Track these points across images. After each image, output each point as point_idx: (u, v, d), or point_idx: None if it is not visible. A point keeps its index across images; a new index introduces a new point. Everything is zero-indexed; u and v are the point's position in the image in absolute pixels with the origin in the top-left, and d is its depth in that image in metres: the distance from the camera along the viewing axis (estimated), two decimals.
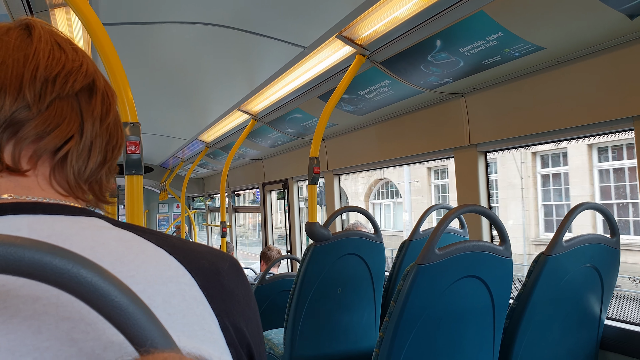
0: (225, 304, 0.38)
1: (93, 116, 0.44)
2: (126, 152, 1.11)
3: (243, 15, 1.61)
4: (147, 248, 0.37)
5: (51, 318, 0.30)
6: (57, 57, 0.42)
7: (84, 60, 0.45)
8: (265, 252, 3.55)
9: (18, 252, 0.25)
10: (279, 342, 2.07)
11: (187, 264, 0.37)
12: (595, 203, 1.40)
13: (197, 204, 7.28)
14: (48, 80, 0.41)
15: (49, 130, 0.40)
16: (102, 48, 1.09)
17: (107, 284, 0.26)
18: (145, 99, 2.71)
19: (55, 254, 0.25)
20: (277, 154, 3.78)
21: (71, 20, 1.63)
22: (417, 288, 1.09)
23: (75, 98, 0.43)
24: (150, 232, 0.40)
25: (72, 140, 0.41)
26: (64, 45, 0.44)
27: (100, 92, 0.45)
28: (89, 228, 0.37)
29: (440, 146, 2.05)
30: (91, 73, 0.45)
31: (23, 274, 0.25)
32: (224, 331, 0.37)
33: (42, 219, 0.36)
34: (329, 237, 1.76)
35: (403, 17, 1.46)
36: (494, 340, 1.24)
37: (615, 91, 1.36)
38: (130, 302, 0.27)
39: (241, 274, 0.43)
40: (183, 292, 0.35)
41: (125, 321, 0.27)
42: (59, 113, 0.41)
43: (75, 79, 0.43)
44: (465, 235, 1.95)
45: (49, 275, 0.25)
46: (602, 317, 1.44)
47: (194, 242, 0.43)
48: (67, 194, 0.42)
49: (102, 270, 0.27)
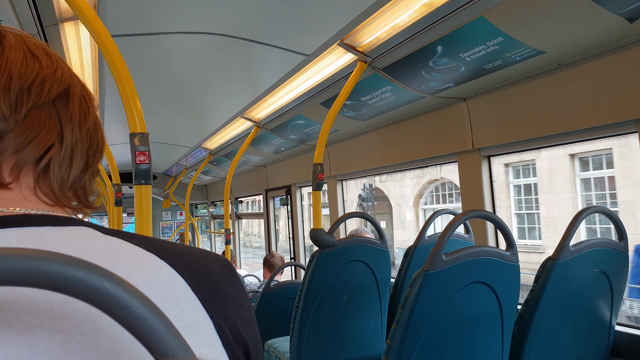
0: (219, 305, 0.38)
1: (72, 122, 0.43)
2: (135, 162, 1.11)
3: (246, 25, 1.62)
4: (137, 254, 0.37)
5: (45, 331, 0.30)
6: (31, 65, 0.41)
7: (58, 65, 0.44)
8: (268, 259, 3.53)
9: (44, 266, 0.25)
10: (285, 351, 2.06)
11: (179, 268, 0.37)
12: (602, 207, 1.39)
13: (200, 211, 7.29)
14: (23, 89, 0.40)
15: (28, 141, 0.39)
16: (112, 60, 1.10)
17: (129, 296, 0.27)
18: (149, 107, 2.73)
19: (80, 267, 0.26)
20: (280, 161, 3.79)
21: (80, 33, 1.65)
22: (425, 295, 1.09)
23: (53, 105, 0.42)
24: (140, 238, 0.39)
25: (52, 148, 0.41)
26: (37, 51, 0.43)
27: (77, 97, 0.44)
28: (78, 237, 0.37)
29: (443, 151, 2.05)
30: (67, 78, 0.44)
31: (49, 287, 0.26)
32: (219, 333, 0.36)
33: (30, 231, 0.36)
34: (334, 243, 1.75)
35: (404, 24, 1.47)
36: (502, 347, 1.23)
37: (617, 94, 1.36)
38: (151, 314, 0.27)
39: (234, 275, 0.42)
40: (176, 296, 0.35)
41: (147, 332, 0.27)
42: (37, 122, 0.40)
43: (51, 85, 0.42)
44: (471, 241, 1.95)
45: (74, 288, 0.26)
46: (612, 323, 1.42)
47: (186, 245, 0.43)
48: (53, 203, 0.41)
49: (124, 283, 0.27)
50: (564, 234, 1.28)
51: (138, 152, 1.12)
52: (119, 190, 2.36)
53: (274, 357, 2.11)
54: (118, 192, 2.35)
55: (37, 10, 1.38)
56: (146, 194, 1.16)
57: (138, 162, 1.12)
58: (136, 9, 1.51)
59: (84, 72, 2.00)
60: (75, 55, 1.79)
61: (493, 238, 1.92)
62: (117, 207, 2.28)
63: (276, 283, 2.55)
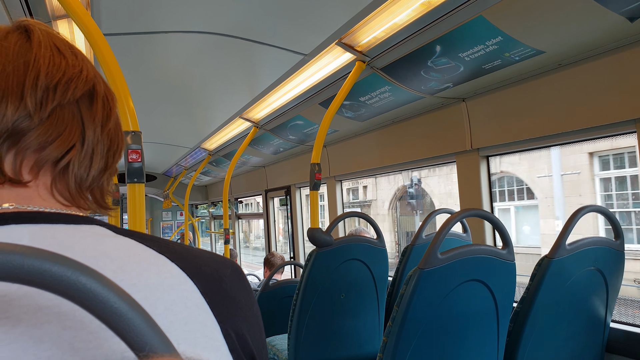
0: (228, 310, 0.38)
1: (94, 123, 0.43)
2: (127, 160, 1.12)
3: (244, 24, 1.62)
4: (148, 256, 0.37)
5: (53, 327, 0.30)
6: (58, 63, 0.41)
7: (84, 65, 0.44)
8: (268, 259, 3.55)
9: (18, 260, 0.25)
10: (283, 348, 2.06)
11: (189, 271, 0.37)
12: (599, 206, 1.40)
13: (200, 211, 7.29)
14: (49, 88, 0.40)
15: (51, 140, 0.39)
16: (104, 58, 1.11)
17: (106, 290, 0.27)
18: (148, 108, 2.73)
19: (54, 261, 0.26)
20: (279, 161, 3.79)
21: (73, 31, 1.65)
22: (420, 292, 1.09)
23: (76, 105, 0.42)
24: (152, 239, 0.39)
25: (73, 149, 0.41)
26: (64, 49, 0.43)
27: (100, 98, 0.44)
28: (91, 236, 0.37)
29: (442, 151, 2.05)
30: (91, 78, 0.44)
31: (24, 281, 0.25)
32: (226, 338, 0.36)
33: (43, 228, 0.36)
34: (331, 242, 1.76)
35: (402, 23, 1.47)
36: (498, 344, 1.24)
37: (616, 94, 1.36)
38: (129, 308, 0.27)
39: (243, 280, 0.42)
40: (185, 299, 0.35)
41: (124, 326, 0.27)
42: (61, 121, 0.40)
43: (76, 85, 0.42)
44: (468, 240, 1.95)
45: (49, 282, 0.26)
46: (607, 320, 1.43)
47: (196, 248, 0.43)
48: (69, 203, 0.41)
49: (100, 277, 0.27)
50: (560, 233, 1.28)
51: (130, 151, 1.12)
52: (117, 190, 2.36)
53: (272, 354, 2.12)
54: (116, 192, 2.36)
55: (29, 8, 1.38)
56: (139, 192, 1.16)
57: (130, 160, 1.12)
58: (133, 8, 1.51)
59: None
60: None
61: (491, 237, 1.92)
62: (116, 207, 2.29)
63: (275, 282, 2.55)
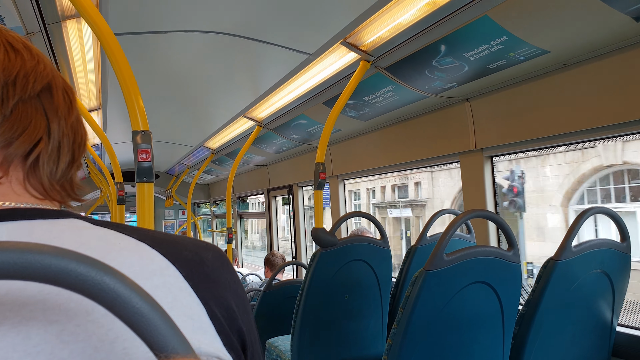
0: (211, 292, 0.38)
1: (58, 115, 0.43)
2: (137, 160, 1.12)
3: (248, 24, 1.62)
4: (129, 244, 0.37)
5: (39, 323, 0.30)
6: (13, 58, 0.41)
7: (39, 59, 0.44)
8: (269, 258, 3.55)
9: (46, 260, 0.25)
10: (285, 349, 2.06)
11: (170, 256, 0.38)
12: (605, 207, 1.39)
13: (202, 210, 7.30)
14: (8, 83, 0.40)
15: (17, 135, 0.39)
16: (114, 57, 1.11)
17: (128, 291, 0.27)
18: (151, 106, 2.73)
19: (80, 261, 0.26)
20: (282, 160, 3.79)
21: (82, 31, 1.65)
22: (426, 294, 1.09)
23: (38, 99, 0.42)
24: (130, 229, 0.40)
25: (41, 142, 0.41)
26: (17, 45, 0.43)
27: (60, 90, 0.44)
28: (69, 230, 0.37)
29: (446, 151, 2.04)
30: (48, 72, 0.44)
31: (49, 281, 0.26)
32: (212, 319, 0.37)
33: (20, 225, 0.36)
34: (336, 242, 1.75)
35: (407, 22, 1.46)
36: (503, 347, 1.23)
37: (622, 94, 1.35)
38: (151, 309, 0.27)
39: (225, 263, 0.43)
40: (168, 284, 0.35)
41: (146, 327, 0.27)
42: (25, 116, 0.40)
43: (35, 79, 0.42)
44: (473, 241, 1.94)
45: (74, 282, 0.26)
46: (613, 324, 1.42)
47: (177, 234, 0.43)
48: (43, 197, 0.42)
49: (124, 278, 0.27)
50: (566, 235, 1.27)
51: (140, 150, 1.12)
52: (121, 188, 2.37)
53: (275, 355, 2.11)
54: (120, 191, 2.37)
55: (39, 8, 1.38)
56: (148, 191, 1.16)
57: (140, 159, 1.12)
58: (138, 8, 1.51)
59: (86, 71, 2.01)
60: (78, 54, 1.79)
61: (495, 238, 1.91)
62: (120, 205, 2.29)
63: (277, 282, 2.55)
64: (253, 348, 0.42)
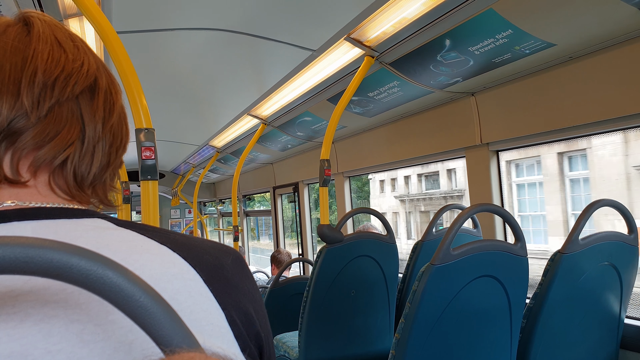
0: (231, 297, 0.38)
1: (95, 119, 0.41)
2: (141, 157, 1.12)
3: (252, 20, 1.62)
4: (151, 247, 0.37)
5: (61, 321, 0.30)
6: (57, 57, 0.40)
7: (86, 58, 0.42)
8: (275, 256, 3.57)
9: (47, 254, 0.25)
10: (293, 345, 2.07)
11: (191, 260, 0.37)
12: (612, 200, 1.38)
13: (208, 209, 7.33)
14: (47, 85, 0.39)
15: (49, 139, 0.38)
16: (117, 56, 1.11)
17: (132, 285, 0.27)
18: (156, 105, 2.74)
19: (82, 255, 0.26)
20: (287, 158, 3.79)
21: (84, 29, 1.66)
22: (433, 288, 1.09)
23: (76, 102, 0.40)
24: (153, 230, 0.39)
25: (72, 146, 0.40)
26: (65, 42, 0.41)
27: (102, 92, 0.43)
28: (93, 230, 0.37)
29: (451, 146, 2.04)
30: (93, 72, 0.42)
31: (52, 275, 0.26)
32: (231, 325, 0.37)
33: (45, 223, 0.36)
34: (341, 239, 1.75)
35: (411, 17, 1.46)
36: (511, 341, 1.23)
37: (629, 86, 1.34)
38: (154, 303, 0.27)
39: (245, 268, 0.43)
40: (189, 288, 0.35)
41: (150, 321, 0.27)
42: (59, 120, 0.39)
43: (76, 81, 0.40)
44: (479, 235, 1.94)
45: (77, 277, 0.26)
46: (621, 316, 1.41)
47: (198, 237, 0.43)
48: (70, 197, 0.41)
49: (127, 272, 0.27)
50: (573, 228, 1.27)
51: (144, 148, 1.12)
52: (126, 187, 2.38)
53: (283, 351, 2.13)
54: (126, 190, 2.38)
55: (40, 6, 1.39)
56: (153, 190, 1.16)
57: (144, 157, 1.12)
58: (141, 6, 1.52)
59: None
60: None
61: (501, 232, 1.91)
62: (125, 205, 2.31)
63: (284, 279, 2.56)
64: (270, 352, 0.42)
